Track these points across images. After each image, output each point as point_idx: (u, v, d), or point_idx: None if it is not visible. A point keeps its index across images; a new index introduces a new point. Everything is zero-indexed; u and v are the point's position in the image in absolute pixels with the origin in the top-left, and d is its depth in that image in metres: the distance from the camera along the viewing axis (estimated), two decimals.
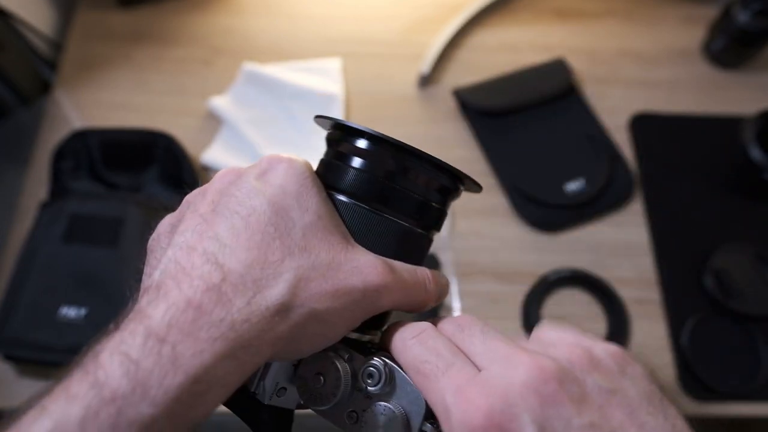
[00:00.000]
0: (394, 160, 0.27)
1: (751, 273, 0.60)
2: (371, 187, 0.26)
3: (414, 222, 0.27)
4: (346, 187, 0.27)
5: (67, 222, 0.56)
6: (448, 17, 0.75)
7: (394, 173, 0.27)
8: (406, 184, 0.27)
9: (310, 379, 0.25)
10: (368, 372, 0.24)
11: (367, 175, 0.26)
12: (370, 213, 0.26)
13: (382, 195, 0.27)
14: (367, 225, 0.26)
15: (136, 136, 0.62)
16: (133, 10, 0.74)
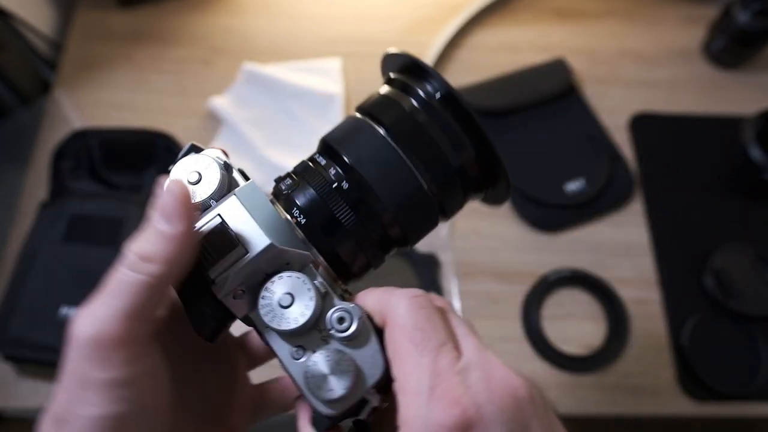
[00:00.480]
0: (451, 124, 0.26)
1: (751, 273, 0.60)
2: (414, 136, 0.26)
3: (434, 191, 0.26)
4: (389, 124, 0.26)
5: (67, 222, 0.56)
6: (448, 17, 0.75)
7: (444, 135, 0.26)
8: (448, 152, 0.26)
9: (279, 295, 0.23)
10: (339, 315, 0.23)
11: (416, 125, 0.26)
12: (399, 159, 0.26)
13: (421, 149, 0.26)
14: (389, 167, 0.26)
15: (136, 136, 0.62)
16: (133, 10, 0.74)
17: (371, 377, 0.23)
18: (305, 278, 0.23)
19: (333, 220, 0.25)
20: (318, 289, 0.24)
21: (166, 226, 0.21)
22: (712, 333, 0.58)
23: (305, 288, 0.23)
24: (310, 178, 0.26)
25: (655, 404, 0.55)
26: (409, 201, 0.26)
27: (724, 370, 0.56)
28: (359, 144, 0.26)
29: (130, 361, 0.21)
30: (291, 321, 0.23)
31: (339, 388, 0.22)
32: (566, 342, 0.57)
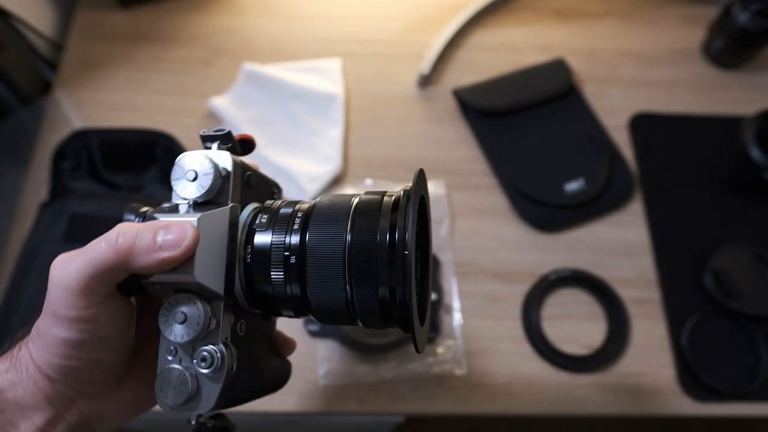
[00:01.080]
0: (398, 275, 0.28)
1: (751, 273, 0.60)
2: (365, 269, 0.28)
3: (354, 311, 0.29)
4: (350, 244, 0.28)
5: (67, 222, 0.56)
6: (448, 17, 0.75)
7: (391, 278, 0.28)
8: (383, 290, 0.28)
9: (177, 310, 0.28)
10: (207, 354, 0.27)
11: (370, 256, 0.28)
12: (340, 279, 0.28)
13: (365, 279, 0.28)
14: (330, 281, 0.28)
15: (136, 136, 0.62)
16: (134, 10, 0.75)
17: (201, 408, 0.28)
18: (204, 311, 0.27)
19: (267, 276, 0.29)
20: (208, 324, 0.27)
21: (160, 254, 0.26)
22: (712, 333, 0.58)
23: (199, 318, 0.27)
24: (277, 228, 0.29)
25: (655, 404, 0.55)
26: (331, 309, 0.29)
27: (724, 370, 0.56)
28: (325, 238, 0.28)
29: (88, 306, 0.27)
30: (175, 335, 0.27)
31: (169, 401, 0.27)
32: (566, 342, 0.57)
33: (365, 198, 0.29)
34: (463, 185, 0.65)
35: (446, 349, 0.55)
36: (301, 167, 0.63)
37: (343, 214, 0.29)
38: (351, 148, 0.66)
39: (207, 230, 0.27)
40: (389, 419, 0.62)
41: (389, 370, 0.54)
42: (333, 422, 0.65)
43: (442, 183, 0.64)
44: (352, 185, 0.64)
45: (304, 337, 0.55)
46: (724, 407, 0.55)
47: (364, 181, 0.64)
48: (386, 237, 0.27)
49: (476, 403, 0.54)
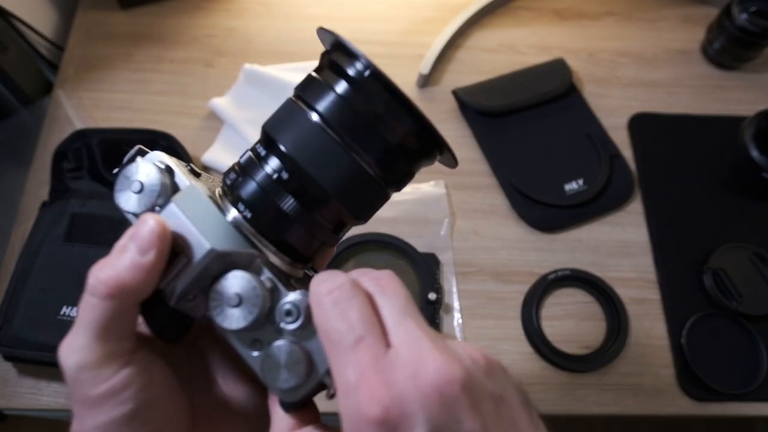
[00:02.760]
0: (382, 102, 0.25)
1: (751, 273, 0.60)
2: (347, 119, 0.25)
3: (378, 171, 0.26)
4: (322, 110, 0.25)
5: (68, 222, 0.57)
6: (448, 18, 0.75)
7: (377, 115, 0.25)
8: (384, 131, 0.25)
9: (227, 296, 0.24)
10: (286, 309, 0.24)
11: (348, 107, 0.25)
12: (336, 144, 0.25)
13: (356, 131, 0.25)
14: (328, 154, 0.25)
15: (137, 136, 0.62)
16: (134, 11, 0.75)
17: (323, 365, 0.23)
18: (250, 277, 0.24)
19: (278, 212, 0.26)
20: (264, 285, 0.24)
21: (139, 258, 0.22)
22: (711, 333, 0.58)
23: (251, 287, 0.24)
24: (252, 171, 0.26)
25: (654, 404, 0.55)
26: (353, 185, 0.26)
27: (724, 370, 0.56)
28: (295, 133, 0.25)
29: (116, 371, 0.23)
30: (241, 320, 0.23)
31: (292, 379, 0.23)
32: (566, 342, 0.57)
33: (301, 84, 0.27)
34: (463, 185, 0.65)
35: None
36: None
37: (293, 108, 0.26)
38: None
39: (189, 207, 0.24)
40: None
41: None
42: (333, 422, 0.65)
43: (442, 183, 0.64)
44: None
45: None
46: (723, 407, 0.55)
47: None
48: (346, 85, 0.25)
49: None
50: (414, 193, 0.63)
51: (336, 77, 0.26)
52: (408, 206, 0.63)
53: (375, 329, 0.21)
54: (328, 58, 0.27)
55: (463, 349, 0.21)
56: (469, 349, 0.22)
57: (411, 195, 0.63)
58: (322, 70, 0.27)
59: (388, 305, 0.22)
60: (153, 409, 0.24)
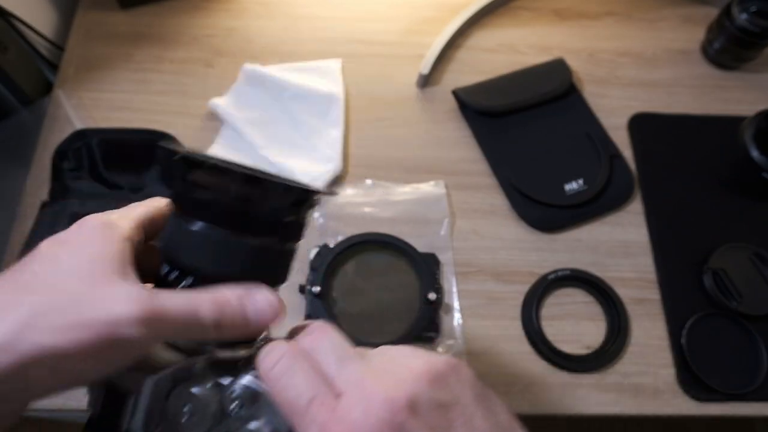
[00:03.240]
0: (240, 187, 0.27)
1: (751, 273, 0.60)
2: (217, 213, 0.27)
3: (268, 239, 0.28)
4: (195, 215, 0.27)
5: (68, 222, 0.56)
6: (448, 18, 0.75)
7: (241, 199, 0.27)
8: (254, 208, 0.27)
9: (179, 413, 0.25)
10: (231, 398, 0.26)
11: (213, 204, 0.27)
12: (220, 239, 0.27)
13: (230, 220, 0.27)
14: (214, 249, 0.27)
15: (137, 136, 0.62)
16: (134, 11, 0.75)
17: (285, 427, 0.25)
18: (192, 391, 0.26)
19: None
20: (205, 386, 0.26)
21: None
22: (711, 333, 0.58)
23: (196, 399, 0.26)
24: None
25: (655, 404, 0.55)
26: (256, 264, 0.28)
27: (724, 370, 0.56)
28: (186, 246, 0.28)
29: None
30: (200, 427, 0.25)
31: None
32: (566, 342, 0.57)
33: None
34: (463, 185, 0.65)
35: (446, 349, 0.56)
36: (301, 167, 0.63)
37: (176, 223, 0.29)
38: (351, 149, 0.66)
39: None
40: None
41: None
42: None
43: (442, 183, 0.64)
44: (352, 185, 0.64)
45: None
46: (723, 407, 0.55)
47: (364, 181, 0.64)
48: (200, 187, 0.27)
49: None
50: (413, 193, 0.63)
51: (192, 185, 0.27)
52: (408, 206, 0.62)
53: (322, 385, 0.23)
54: (177, 170, 0.28)
55: (407, 366, 0.24)
56: (413, 362, 0.24)
57: (410, 195, 0.63)
58: (178, 182, 0.28)
59: (327, 357, 0.25)
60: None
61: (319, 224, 0.61)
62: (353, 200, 0.62)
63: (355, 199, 0.62)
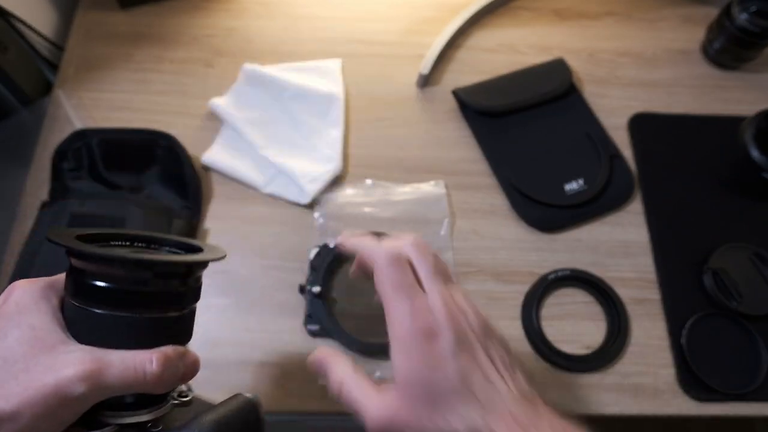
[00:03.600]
0: (131, 273, 0.29)
1: (751, 273, 0.60)
2: (90, 291, 0.29)
3: (160, 310, 0.30)
4: (76, 295, 0.30)
5: (68, 222, 0.57)
6: (448, 18, 0.75)
7: (136, 282, 0.29)
8: (150, 287, 0.29)
9: None
10: None
11: (85, 283, 0.29)
12: (97, 315, 0.29)
13: (103, 296, 0.29)
14: (98, 325, 0.29)
15: (137, 136, 0.62)
16: (134, 11, 0.75)
17: None
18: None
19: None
20: None
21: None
22: (711, 333, 0.58)
23: None
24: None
25: (654, 404, 0.55)
26: (137, 336, 0.30)
27: (724, 370, 0.56)
28: (79, 328, 0.29)
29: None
30: None
31: None
32: (566, 342, 0.57)
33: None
34: (463, 185, 0.65)
35: None
36: (301, 167, 0.63)
37: (71, 309, 0.30)
38: (351, 149, 0.66)
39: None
40: None
41: (390, 370, 0.54)
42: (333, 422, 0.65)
43: (442, 183, 0.64)
44: (352, 185, 0.64)
45: (304, 337, 0.56)
46: (723, 407, 0.55)
47: (364, 181, 0.64)
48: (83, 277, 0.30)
49: None
50: (414, 193, 0.63)
51: (83, 272, 0.30)
52: (408, 206, 0.63)
53: (417, 287, 0.34)
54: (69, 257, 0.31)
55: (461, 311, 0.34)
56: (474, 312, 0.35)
57: (411, 195, 0.63)
58: (72, 267, 0.31)
59: (421, 267, 0.35)
60: None
61: (319, 224, 0.61)
62: (353, 200, 0.62)
63: (355, 199, 0.63)
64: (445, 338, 0.32)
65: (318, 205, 0.62)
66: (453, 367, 0.32)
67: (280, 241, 0.46)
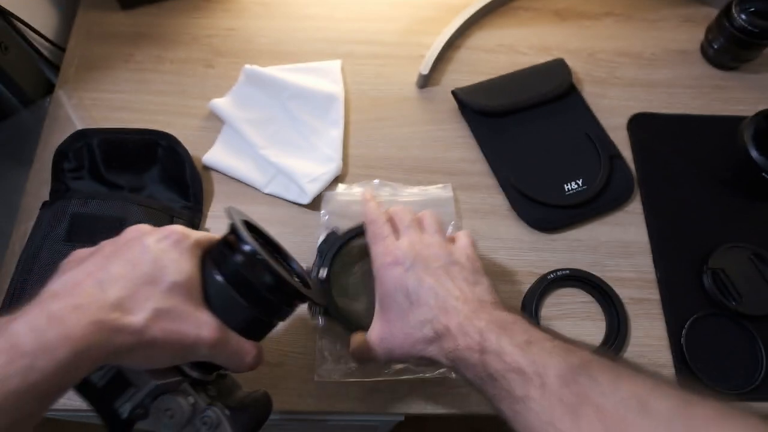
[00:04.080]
0: (262, 274, 0.38)
1: (751, 273, 0.60)
2: (241, 282, 0.38)
3: (262, 313, 0.39)
4: (224, 272, 0.38)
5: (68, 222, 0.57)
6: (448, 18, 0.75)
7: (260, 281, 0.38)
8: (266, 292, 0.38)
9: (161, 413, 0.35)
10: (204, 419, 0.36)
11: (241, 273, 0.38)
12: (234, 297, 0.37)
13: (246, 290, 0.38)
14: (227, 303, 0.37)
15: (137, 136, 0.62)
16: (134, 11, 0.75)
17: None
18: (179, 398, 0.36)
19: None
20: (187, 402, 0.36)
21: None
22: (711, 333, 0.58)
23: (178, 405, 0.36)
24: None
25: None
26: (246, 326, 0.39)
27: (724, 370, 0.56)
28: (208, 290, 0.37)
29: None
30: (171, 427, 0.35)
31: None
32: None
33: (214, 248, 0.40)
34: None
35: None
36: (301, 168, 0.63)
37: (206, 269, 0.38)
38: (351, 149, 0.67)
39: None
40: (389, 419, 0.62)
41: (389, 370, 0.54)
42: (333, 421, 0.65)
43: (450, 186, 0.64)
44: (359, 184, 0.63)
45: (304, 337, 0.56)
46: None
47: (372, 181, 0.64)
48: (242, 256, 0.39)
49: (476, 403, 0.54)
50: (421, 195, 0.63)
51: (234, 251, 0.38)
52: (415, 208, 0.62)
53: (396, 231, 0.48)
54: (232, 236, 0.39)
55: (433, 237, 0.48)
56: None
57: (418, 196, 0.63)
58: (228, 241, 0.39)
59: (400, 221, 0.49)
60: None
61: (324, 221, 0.61)
62: (359, 199, 0.62)
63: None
64: (403, 264, 0.44)
65: (324, 202, 0.62)
66: (410, 282, 0.43)
67: (281, 240, 0.46)
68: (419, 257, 0.44)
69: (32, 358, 0.27)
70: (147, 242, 0.35)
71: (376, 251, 0.46)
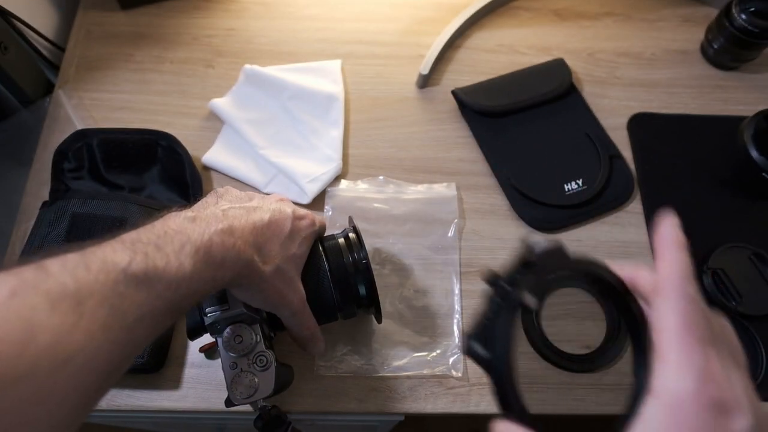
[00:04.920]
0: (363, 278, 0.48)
1: (751, 273, 0.60)
2: (339, 269, 0.48)
3: (339, 305, 0.48)
4: (330, 263, 0.48)
5: (68, 222, 0.57)
6: (448, 18, 0.75)
7: (354, 277, 0.48)
8: (351, 289, 0.48)
9: (233, 336, 0.44)
10: (260, 356, 0.44)
11: (341, 263, 0.48)
12: (328, 284, 0.47)
13: (340, 279, 0.48)
14: (319, 285, 0.47)
15: (137, 136, 0.62)
16: (134, 11, 0.75)
17: (263, 393, 0.43)
18: (249, 328, 0.44)
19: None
20: (255, 335, 0.44)
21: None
22: None
23: (248, 333, 0.44)
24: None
25: None
26: (320, 308, 0.47)
27: None
28: (309, 270, 0.47)
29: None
30: (237, 350, 0.44)
31: (243, 395, 0.43)
32: (566, 342, 0.57)
33: (331, 240, 0.50)
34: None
35: (446, 349, 0.56)
36: (301, 168, 0.63)
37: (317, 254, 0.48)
38: (351, 149, 0.67)
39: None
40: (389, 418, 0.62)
41: (389, 369, 0.54)
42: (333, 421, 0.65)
43: (454, 185, 0.64)
44: (365, 181, 0.64)
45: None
46: None
47: (377, 177, 0.64)
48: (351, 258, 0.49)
49: (476, 403, 0.54)
50: (425, 193, 0.63)
51: (350, 252, 0.49)
52: (418, 205, 0.62)
53: (715, 339, 0.29)
54: (353, 240, 0.50)
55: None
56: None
57: (423, 194, 0.63)
58: (346, 242, 0.50)
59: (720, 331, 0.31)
60: None
61: (328, 216, 0.61)
62: (364, 195, 0.63)
63: (367, 194, 0.63)
64: (732, 416, 0.26)
65: (328, 198, 0.62)
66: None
67: None
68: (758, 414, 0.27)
69: (218, 269, 0.36)
70: (287, 211, 0.45)
71: (683, 365, 0.26)
